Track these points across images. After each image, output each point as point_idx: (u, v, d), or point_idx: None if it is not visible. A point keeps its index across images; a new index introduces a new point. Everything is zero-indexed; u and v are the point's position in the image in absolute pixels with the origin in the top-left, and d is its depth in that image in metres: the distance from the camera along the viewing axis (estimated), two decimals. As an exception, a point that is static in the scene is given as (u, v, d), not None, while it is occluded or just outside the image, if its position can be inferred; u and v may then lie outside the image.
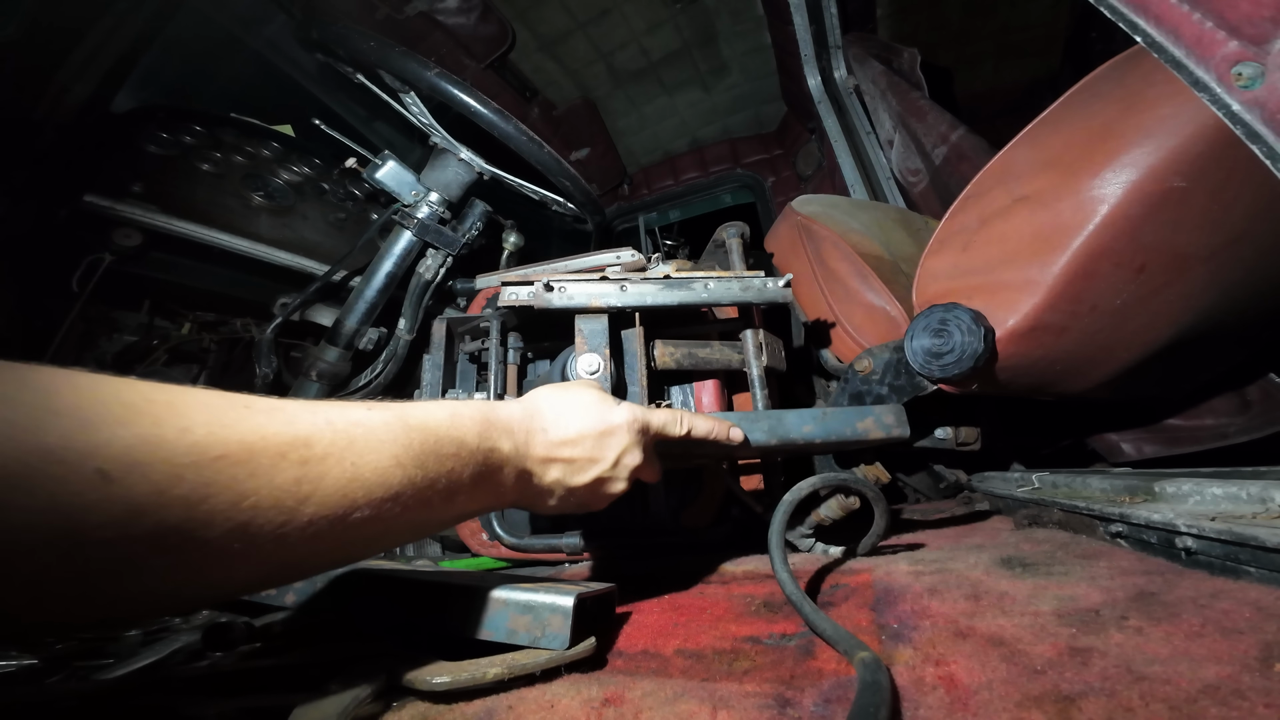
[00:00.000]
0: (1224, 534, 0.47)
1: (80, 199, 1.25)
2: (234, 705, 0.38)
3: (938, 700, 0.35)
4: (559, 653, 0.42)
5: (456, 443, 0.41)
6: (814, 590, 0.60)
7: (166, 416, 0.27)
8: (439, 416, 0.41)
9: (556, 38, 2.22)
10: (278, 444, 0.30)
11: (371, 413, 0.37)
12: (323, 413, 0.34)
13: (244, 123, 1.62)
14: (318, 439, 0.32)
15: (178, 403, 0.28)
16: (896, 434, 0.67)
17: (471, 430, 0.43)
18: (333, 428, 0.34)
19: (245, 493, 0.28)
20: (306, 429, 0.32)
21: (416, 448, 0.38)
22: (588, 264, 1.05)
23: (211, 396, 0.31)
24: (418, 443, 0.38)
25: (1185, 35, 0.45)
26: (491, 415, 0.46)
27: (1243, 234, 0.74)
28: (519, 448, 0.48)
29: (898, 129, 1.75)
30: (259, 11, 1.71)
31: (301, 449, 0.31)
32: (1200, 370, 1.04)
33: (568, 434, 0.51)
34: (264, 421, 0.31)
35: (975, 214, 0.89)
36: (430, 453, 0.39)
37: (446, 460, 0.40)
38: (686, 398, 0.92)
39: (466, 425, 0.43)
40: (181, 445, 0.27)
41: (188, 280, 1.48)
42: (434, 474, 0.39)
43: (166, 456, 0.26)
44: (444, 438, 0.40)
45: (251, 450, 0.29)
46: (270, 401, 0.33)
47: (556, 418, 0.51)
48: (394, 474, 0.36)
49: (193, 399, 0.29)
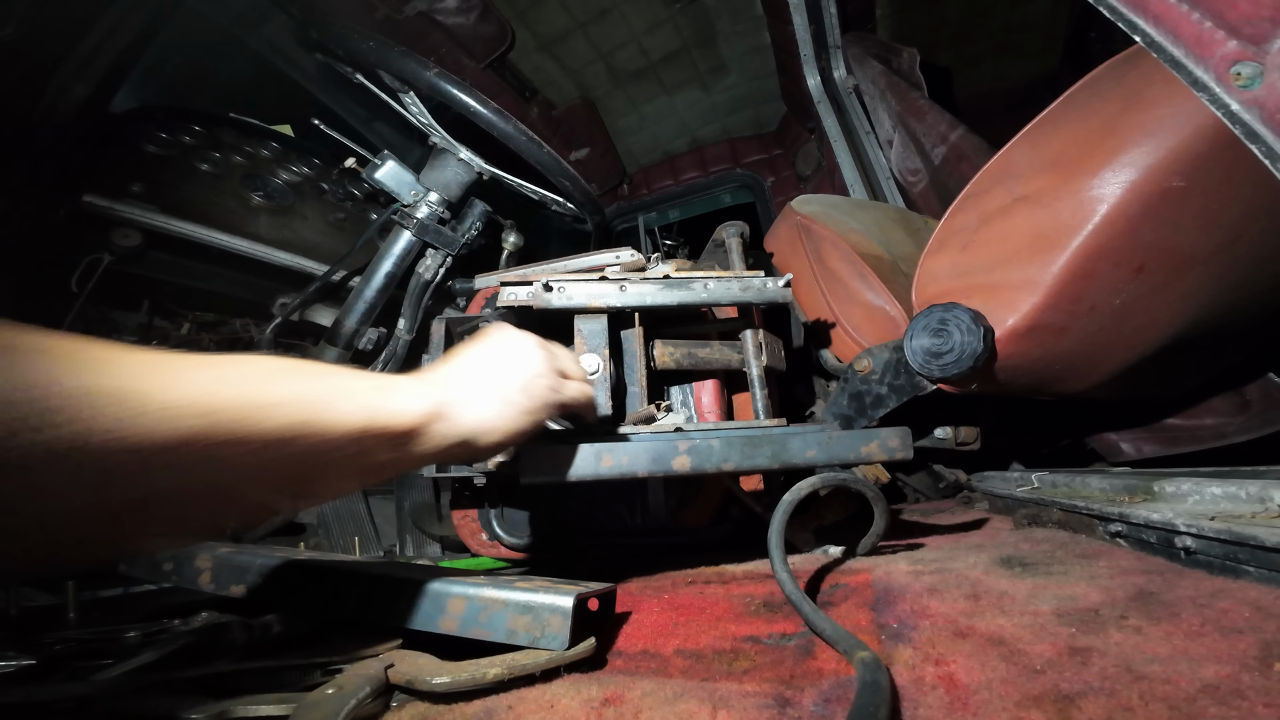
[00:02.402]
0: (1223, 533, 0.47)
1: (79, 199, 1.25)
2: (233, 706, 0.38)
3: (937, 700, 0.35)
4: (559, 653, 0.42)
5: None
6: (814, 590, 0.60)
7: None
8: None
9: (556, 37, 2.22)
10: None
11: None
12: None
13: (243, 123, 1.62)
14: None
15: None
16: (900, 457, 0.67)
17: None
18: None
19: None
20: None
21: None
22: (587, 264, 1.05)
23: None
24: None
25: (1184, 35, 0.45)
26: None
27: (1241, 234, 0.74)
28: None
29: (897, 129, 1.75)
30: (258, 11, 1.70)
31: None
32: (1199, 370, 1.04)
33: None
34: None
35: (975, 214, 0.89)
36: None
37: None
38: (686, 397, 0.92)
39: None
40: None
41: (187, 280, 1.47)
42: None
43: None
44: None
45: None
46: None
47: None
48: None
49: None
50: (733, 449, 0.65)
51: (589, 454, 0.63)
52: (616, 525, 0.93)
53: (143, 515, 0.32)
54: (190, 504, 0.33)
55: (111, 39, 1.24)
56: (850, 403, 1.00)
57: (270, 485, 0.37)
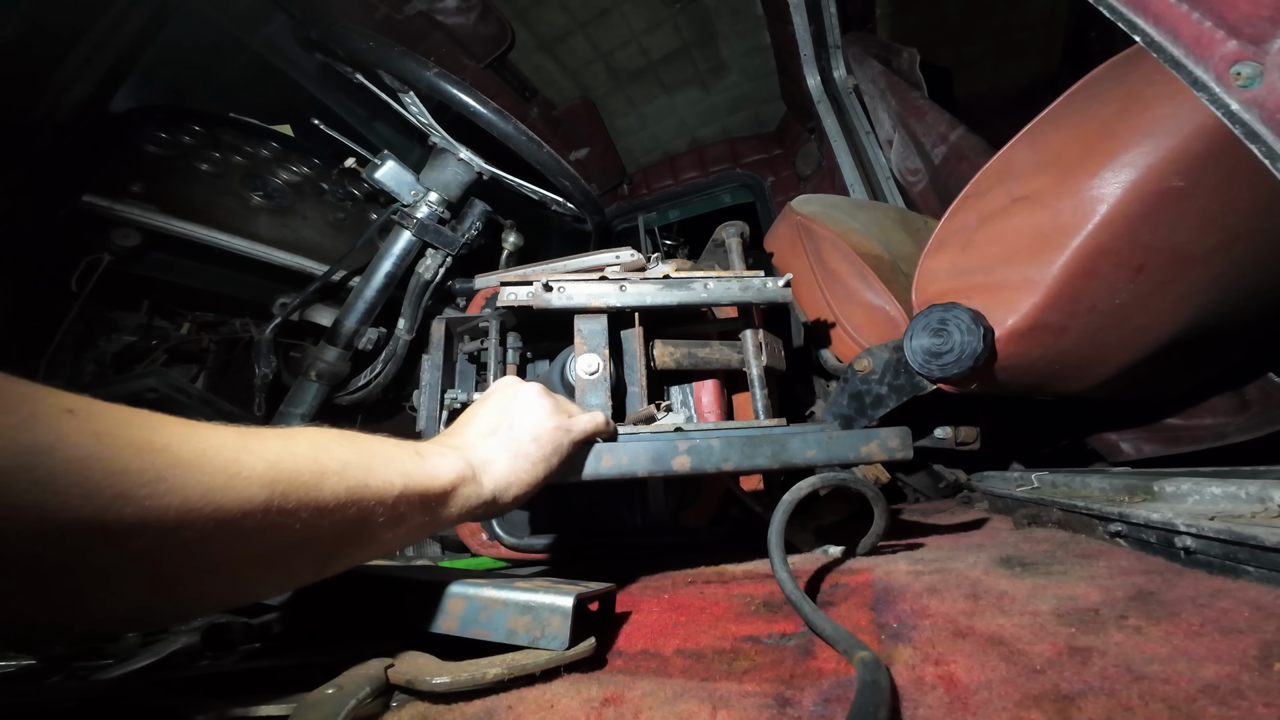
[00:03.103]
0: (1223, 533, 0.47)
1: (79, 199, 1.25)
2: (233, 706, 0.38)
3: (937, 700, 0.35)
4: (559, 653, 0.42)
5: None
6: (814, 590, 0.60)
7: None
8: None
9: (556, 37, 2.22)
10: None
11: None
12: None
13: (243, 122, 1.62)
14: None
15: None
16: (900, 457, 0.67)
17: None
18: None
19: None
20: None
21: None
22: (587, 264, 1.05)
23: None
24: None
25: (1184, 35, 0.45)
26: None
27: (1241, 233, 0.74)
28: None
29: (897, 129, 1.75)
30: (258, 11, 1.70)
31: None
32: (1199, 370, 1.04)
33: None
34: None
35: (974, 214, 0.89)
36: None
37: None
38: (686, 397, 0.92)
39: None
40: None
41: (187, 280, 1.47)
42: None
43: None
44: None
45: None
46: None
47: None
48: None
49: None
50: (733, 449, 0.65)
51: (589, 454, 0.63)
52: (616, 525, 0.93)
53: (204, 581, 0.33)
54: (248, 569, 0.34)
55: (111, 39, 1.24)
56: (850, 402, 1.00)
57: (321, 550, 0.38)
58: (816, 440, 0.66)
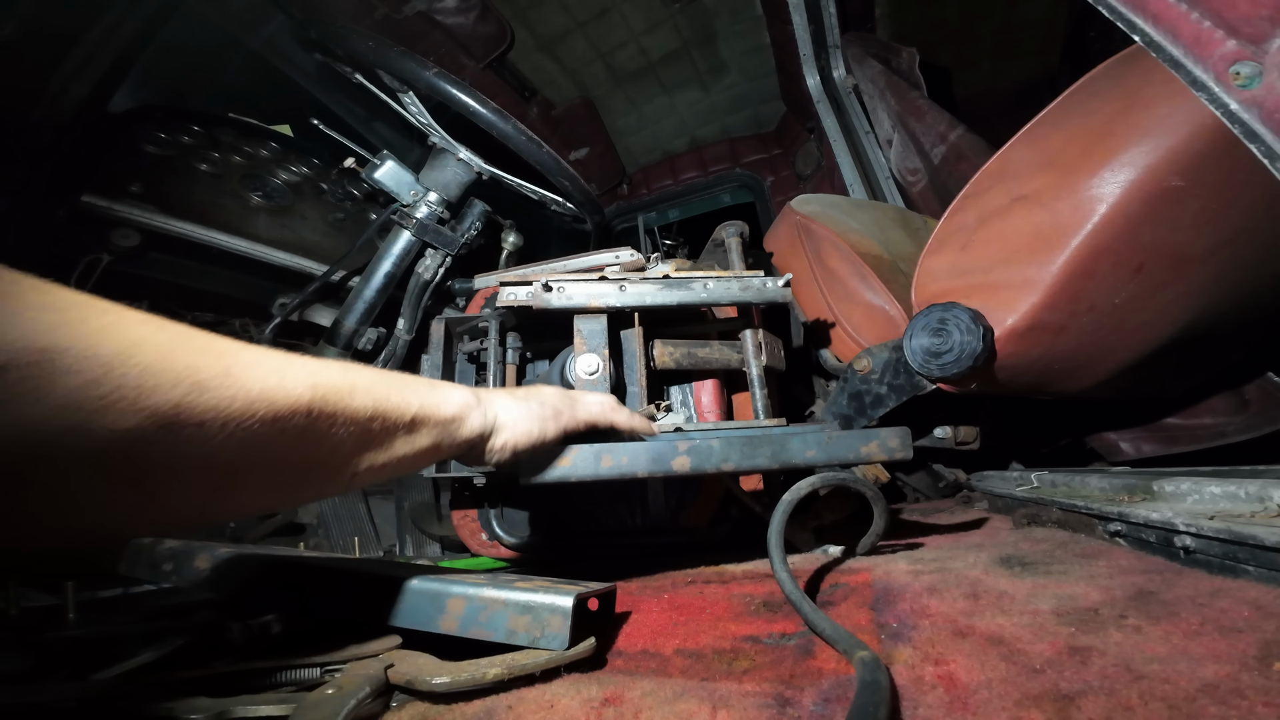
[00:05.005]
0: (1222, 533, 0.47)
1: (78, 199, 1.25)
2: (233, 706, 0.38)
3: (937, 699, 0.35)
4: (558, 653, 0.42)
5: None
6: (813, 590, 0.60)
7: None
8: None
9: (555, 37, 2.21)
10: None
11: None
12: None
13: (242, 122, 1.62)
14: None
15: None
16: (900, 457, 0.67)
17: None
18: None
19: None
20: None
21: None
22: (586, 264, 1.05)
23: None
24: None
25: (1183, 34, 0.45)
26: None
27: (1241, 233, 0.74)
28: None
29: (896, 128, 1.75)
30: (258, 11, 1.70)
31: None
32: (1199, 369, 1.04)
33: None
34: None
35: (974, 213, 0.89)
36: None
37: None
38: (686, 397, 0.92)
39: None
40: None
41: (186, 280, 1.47)
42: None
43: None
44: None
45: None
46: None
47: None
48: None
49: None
50: (732, 449, 0.65)
51: (588, 454, 0.63)
52: (616, 525, 0.93)
53: (256, 479, 0.37)
54: (292, 471, 0.39)
55: (110, 39, 1.24)
56: (850, 402, 1.00)
57: (349, 455, 0.42)
58: (816, 440, 0.66)
